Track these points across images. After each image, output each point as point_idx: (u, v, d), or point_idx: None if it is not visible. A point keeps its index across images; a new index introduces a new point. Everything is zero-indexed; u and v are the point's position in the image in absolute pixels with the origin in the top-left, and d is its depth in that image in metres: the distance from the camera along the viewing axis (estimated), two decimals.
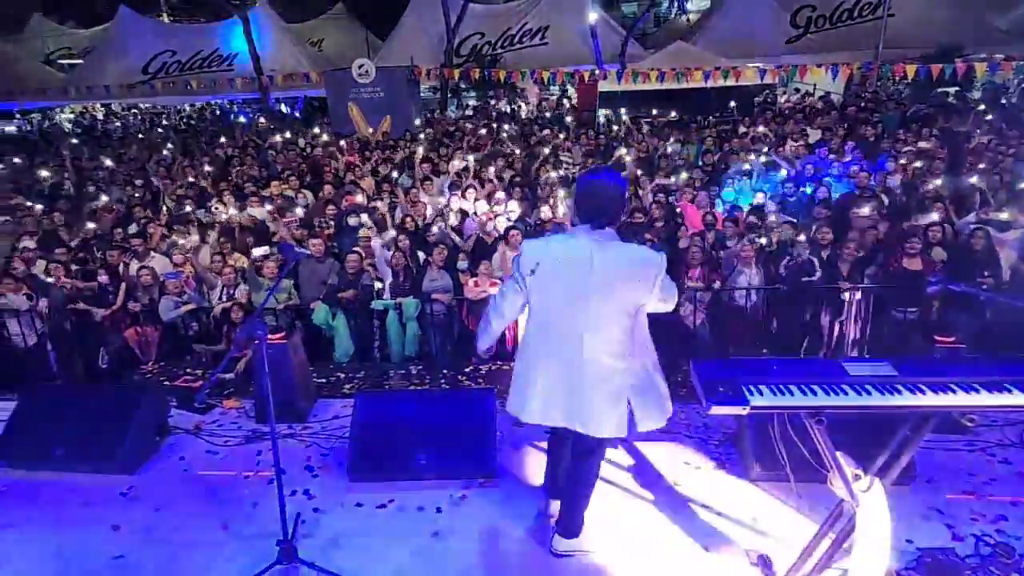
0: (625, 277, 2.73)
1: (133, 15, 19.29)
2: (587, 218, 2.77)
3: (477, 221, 8.07)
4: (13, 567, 3.40)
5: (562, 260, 2.77)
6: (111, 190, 10.47)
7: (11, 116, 22.34)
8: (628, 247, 2.81)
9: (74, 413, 4.24)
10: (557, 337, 2.82)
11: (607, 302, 2.73)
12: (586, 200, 2.79)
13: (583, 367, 2.78)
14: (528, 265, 2.80)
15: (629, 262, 2.74)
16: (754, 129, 11.60)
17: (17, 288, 6.64)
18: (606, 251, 2.72)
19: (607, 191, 2.76)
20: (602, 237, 2.74)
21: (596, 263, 2.70)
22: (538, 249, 2.84)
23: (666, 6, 22.90)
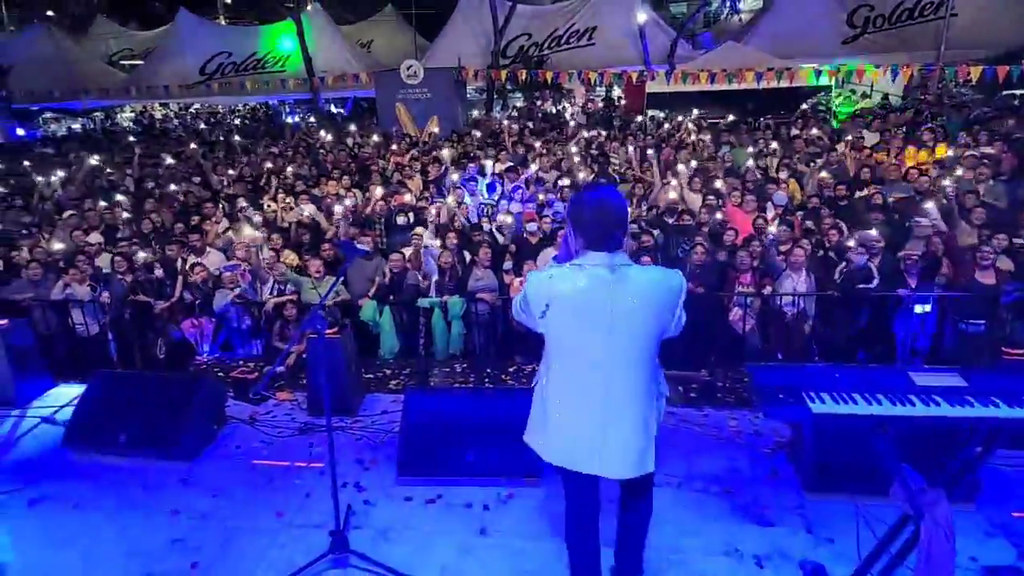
0: (647, 305, 2.43)
1: (191, 17, 19.88)
2: (597, 242, 2.42)
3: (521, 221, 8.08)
4: (80, 547, 3.55)
5: (575, 298, 2.42)
6: (169, 187, 10.82)
7: (76, 114, 23.30)
8: (646, 271, 2.50)
9: (138, 400, 4.41)
10: (579, 377, 2.50)
11: (630, 335, 2.43)
12: (594, 221, 2.41)
13: (610, 407, 2.47)
14: (538, 306, 2.47)
15: (650, 288, 2.43)
16: (807, 132, 11.33)
17: (81, 279, 6.93)
18: (624, 279, 2.40)
19: (616, 209, 2.42)
20: (617, 262, 2.42)
21: (616, 294, 2.39)
22: (544, 288, 2.46)
23: (716, 6, 22.53)
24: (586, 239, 2.44)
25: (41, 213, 9.73)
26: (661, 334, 2.50)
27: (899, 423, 2.43)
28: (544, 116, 18.66)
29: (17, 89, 19.08)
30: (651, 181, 9.04)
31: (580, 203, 2.46)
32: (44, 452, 4.43)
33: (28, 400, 5.16)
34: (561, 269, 2.47)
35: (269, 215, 8.69)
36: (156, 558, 3.44)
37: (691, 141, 11.44)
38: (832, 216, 7.13)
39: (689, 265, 6.63)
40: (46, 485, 4.07)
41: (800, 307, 6.15)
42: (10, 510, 3.84)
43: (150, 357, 7.07)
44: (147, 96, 19.46)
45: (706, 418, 4.64)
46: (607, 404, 2.47)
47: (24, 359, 5.19)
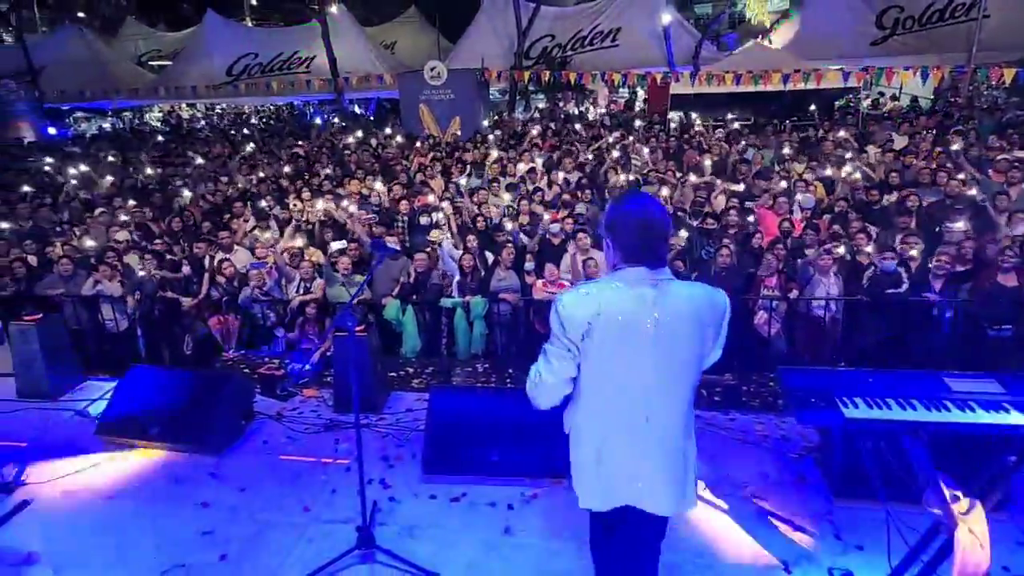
0: (691, 325, 2.20)
1: (219, 19, 20.14)
2: (638, 257, 2.18)
3: (543, 222, 8.09)
4: (113, 536, 3.62)
5: (620, 316, 2.16)
6: (197, 186, 10.98)
7: (105, 114, 23.71)
8: (690, 288, 2.24)
9: (169, 395, 4.50)
10: (619, 408, 2.26)
11: (674, 359, 2.21)
12: (634, 233, 2.17)
13: (651, 440, 2.26)
14: (578, 327, 2.16)
15: (694, 307, 2.20)
16: (834, 134, 11.20)
17: (112, 276, 7.06)
18: (668, 297, 2.17)
19: (659, 220, 2.19)
20: (660, 279, 2.19)
21: (660, 314, 2.15)
22: (586, 305, 2.16)
23: (742, 7, 22.34)
24: (625, 253, 2.20)
25: (71, 210, 9.92)
26: (703, 357, 2.28)
27: (934, 429, 2.40)
28: (566, 117, 18.64)
29: (49, 89, 19.46)
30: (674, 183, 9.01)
31: (618, 213, 2.23)
32: (77, 444, 4.51)
33: (61, 393, 5.26)
34: (598, 285, 2.22)
35: (295, 214, 8.78)
36: (186, 549, 3.50)
37: (715, 144, 11.34)
38: (861, 220, 7.04)
39: (714, 267, 6.59)
40: (79, 476, 4.15)
41: (830, 311, 6.09)
42: (46, 500, 3.92)
43: (177, 353, 7.18)
44: (175, 96, 19.75)
45: (732, 422, 4.61)
46: (648, 434, 2.25)
47: (57, 353, 5.30)
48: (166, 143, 16.13)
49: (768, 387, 5.42)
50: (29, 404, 5.13)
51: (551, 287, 6.66)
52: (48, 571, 3.35)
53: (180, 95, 19.53)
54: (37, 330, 5.11)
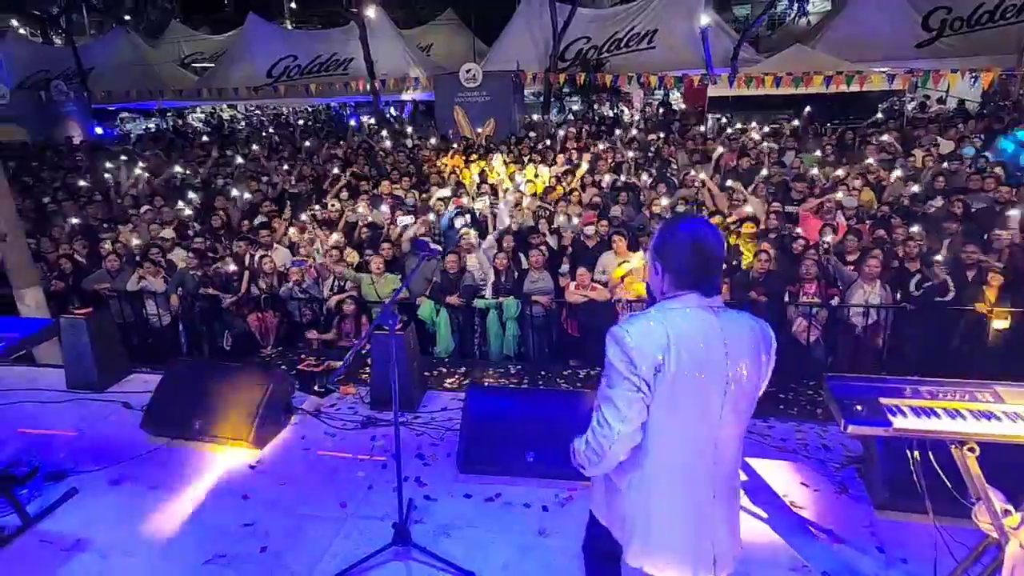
0: (751, 358, 2.00)
1: (260, 22, 20.53)
2: (691, 284, 1.98)
3: (577, 225, 8.07)
4: (157, 525, 3.71)
5: (699, 343, 1.94)
6: (238, 185, 11.20)
7: (150, 115, 24.37)
8: (742, 318, 2.05)
9: (211, 389, 4.60)
10: (687, 454, 2.02)
11: (743, 392, 2.00)
12: (688, 260, 1.98)
13: (715, 488, 2.05)
14: (650, 361, 1.90)
15: (755, 336, 2.02)
16: (877, 137, 10.96)
17: (156, 272, 7.25)
18: (732, 324, 2.00)
19: (715, 246, 2.00)
20: (719, 306, 2.02)
21: (728, 343, 1.96)
22: (657, 334, 1.92)
23: (782, 8, 21.97)
24: (677, 279, 2.00)
25: (117, 208, 10.20)
26: (759, 393, 2.08)
27: (985, 441, 2.34)
28: (601, 120, 18.57)
29: (96, 90, 20.04)
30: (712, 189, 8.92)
31: (670, 237, 2.03)
32: (123, 435, 4.63)
33: (109, 385, 5.41)
34: (659, 311, 1.99)
35: (332, 214, 8.90)
36: (228, 540, 3.57)
37: (754, 147, 11.19)
38: (905, 225, 6.88)
39: (751, 273, 6.51)
40: (125, 466, 4.26)
41: (873, 319, 5.96)
42: (93, 488, 4.04)
43: (217, 349, 7.34)
44: (217, 98, 20.19)
45: (771, 429, 4.54)
46: (712, 482, 2.04)
47: (106, 346, 5.44)
48: (208, 143, 16.48)
49: (807, 395, 5.33)
50: (78, 395, 5.29)
51: (584, 290, 6.65)
52: (96, 557, 3.45)
53: (222, 96, 19.95)
54: (87, 323, 5.26)
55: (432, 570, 3.32)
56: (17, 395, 5.19)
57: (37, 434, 4.62)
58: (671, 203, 8.45)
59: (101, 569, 3.37)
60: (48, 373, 5.69)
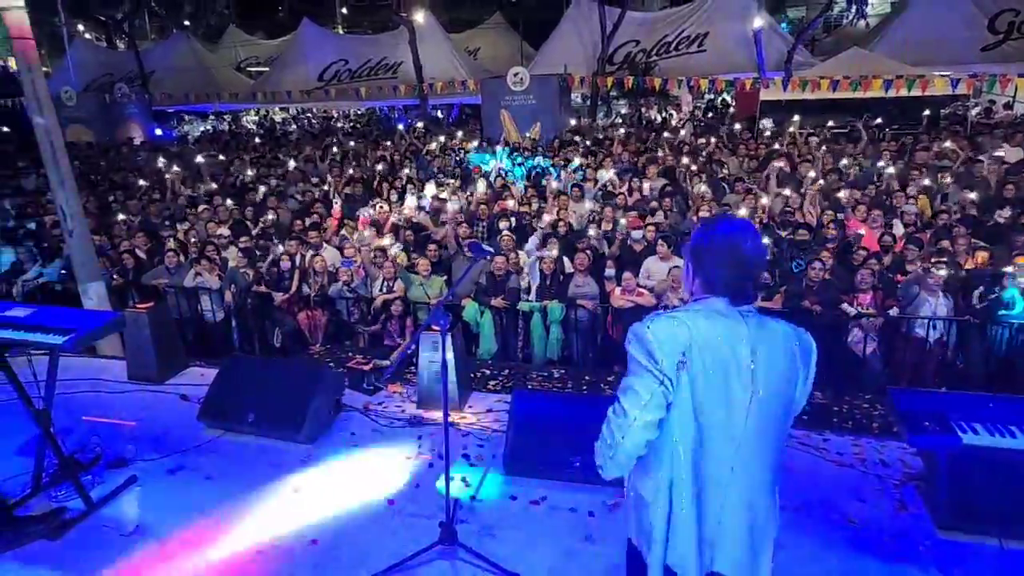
0: (788, 364, 1.94)
1: (314, 27, 20.98)
2: (720, 290, 1.93)
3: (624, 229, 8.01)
4: (213, 515, 3.81)
5: (722, 346, 1.89)
6: (289, 186, 11.46)
7: (206, 117, 25.16)
8: (778, 326, 1.97)
9: (265, 384, 4.71)
10: (708, 464, 1.95)
11: (771, 402, 1.93)
12: (722, 264, 1.92)
13: (732, 493, 1.96)
14: (673, 355, 1.87)
15: (789, 345, 1.95)
16: (939, 144, 10.58)
17: (211, 269, 7.46)
18: (763, 331, 1.93)
19: (753, 252, 1.92)
20: (751, 313, 1.95)
21: (757, 349, 1.90)
22: (680, 330, 1.88)
23: (839, 10, 21.40)
24: (707, 283, 1.95)
25: (176, 207, 10.55)
26: (796, 403, 2.01)
27: None
28: (649, 123, 18.40)
29: (157, 92, 20.78)
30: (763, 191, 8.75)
31: (707, 238, 1.96)
32: (181, 426, 4.78)
33: (167, 377, 5.59)
34: (688, 313, 1.94)
35: (380, 216, 9.03)
36: (281, 532, 3.64)
37: (808, 152, 10.94)
38: (969, 236, 6.62)
39: (805, 281, 6.35)
40: (182, 456, 4.39)
41: (935, 332, 5.75)
42: (152, 476, 4.17)
43: (267, 345, 7.51)
44: (271, 101, 20.69)
45: (826, 443, 4.41)
46: (731, 487, 1.95)
47: (165, 340, 5.63)
48: (261, 145, 16.93)
49: (863, 408, 5.17)
50: (138, 386, 5.48)
51: (629, 295, 6.59)
52: (153, 543, 3.56)
53: (275, 99, 20.44)
54: (148, 318, 5.45)
55: (477, 570, 3.33)
56: (81, 385, 5.40)
57: (100, 422, 4.79)
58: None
59: (158, 555, 3.47)
60: (110, 364, 5.91)
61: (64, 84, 19.20)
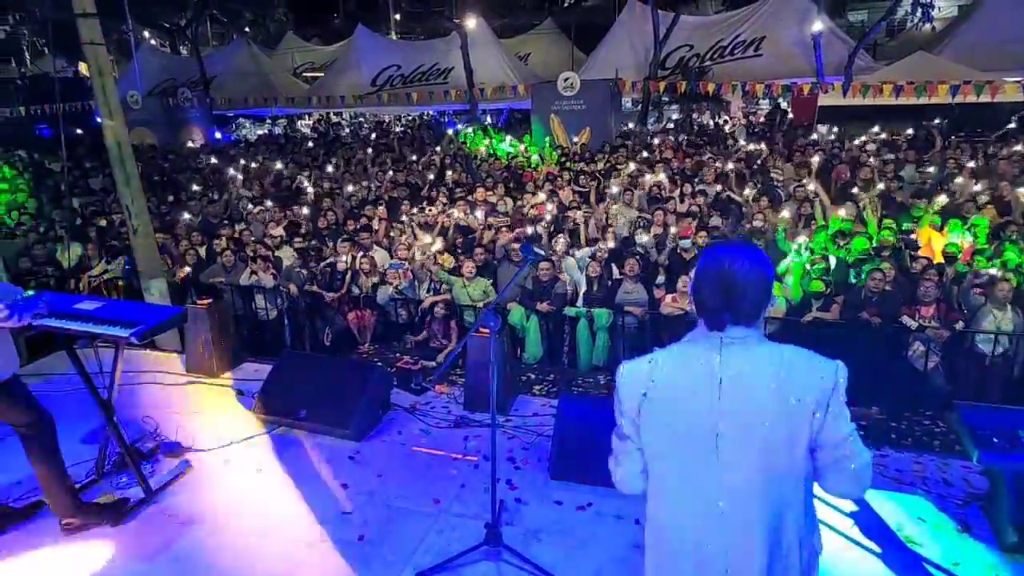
0: (774, 400, 1.70)
1: (368, 33, 21.38)
2: (705, 312, 1.80)
3: (671, 236, 7.90)
4: (263, 506, 3.91)
5: (674, 385, 1.79)
6: (342, 188, 11.69)
7: (264, 121, 25.88)
8: (779, 351, 1.77)
9: (318, 380, 4.80)
10: (686, 501, 1.82)
11: (747, 446, 1.73)
12: (706, 287, 1.78)
13: (732, 528, 1.77)
14: (631, 402, 1.85)
15: (779, 378, 1.71)
16: (1008, 149, 10.12)
17: (266, 268, 7.65)
18: (738, 362, 1.75)
19: (742, 272, 1.74)
20: (733, 340, 1.77)
21: (725, 383, 1.74)
22: (640, 374, 1.84)
23: (903, 14, 20.68)
24: (696, 309, 1.83)
25: (233, 207, 10.87)
26: (801, 439, 1.71)
27: None
28: (701, 129, 18.13)
29: (217, 97, 21.47)
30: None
31: (699, 263, 1.84)
32: (235, 419, 4.92)
33: (223, 371, 5.75)
34: (667, 352, 1.85)
35: (429, 219, 9.11)
36: (328, 526, 3.71)
37: (870, 161, 10.60)
38: None
39: (864, 291, 6.15)
40: (236, 448, 4.52)
41: (1001, 346, 5.50)
42: (207, 467, 4.30)
43: (317, 343, 7.66)
44: (325, 105, 21.12)
45: (884, 459, 4.25)
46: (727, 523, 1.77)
47: (222, 335, 5.80)
48: (315, 148, 17.32)
49: (923, 425, 4.97)
50: (195, 378, 5.67)
51: (681, 301, 6.49)
52: (207, 532, 3.67)
53: (329, 104, 20.86)
54: (208, 313, 5.63)
55: (522, 573, 3.32)
56: (143, 377, 5.61)
57: (159, 413, 4.95)
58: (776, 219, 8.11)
59: (210, 543, 3.58)
60: (169, 357, 6.12)
61: (130, 88, 19.98)
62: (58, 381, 5.10)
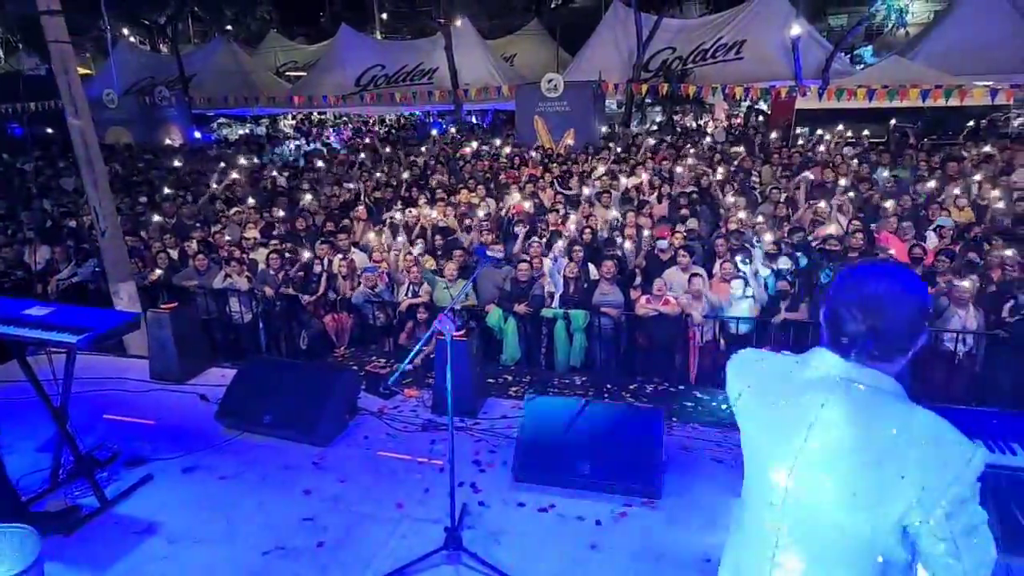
0: (869, 467, 1.42)
1: (352, 32, 21.24)
2: (839, 339, 1.52)
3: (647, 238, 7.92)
4: (225, 514, 3.87)
5: (772, 392, 1.62)
6: (322, 189, 11.61)
7: (245, 121, 25.61)
8: (905, 412, 1.45)
9: (283, 386, 4.76)
10: (749, 521, 1.69)
11: (819, 498, 1.50)
12: (836, 310, 1.52)
13: None
14: (733, 389, 1.74)
15: (889, 439, 1.41)
16: (977, 151, 10.24)
17: (241, 271, 7.58)
18: (852, 407, 1.47)
19: (898, 303, 1.46)
20: (860, 377, 1.49)
21: (821, 421, 1.49)
22: (748, 368, 1.73)
23: (880, 18, 20.91)
24: (830, 330, 1.56)
25: (208, 209, 10.75)
26: (890, 531, 1.42)
27: None
28: (684, 131, 18.21)
29: (196, 96, 21.14)
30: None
31: (838, 278, 1.59)
32: (199, 426, 4.85)
33: (189, 377, 5.66)
34: (782, 356, 1.69)
35: (410, 220, 9.07)
36: (288, 533, 3.68)
37: (843, 162, 10.70)
38: (1003, 247, 6.40)
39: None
40: (198, 456, 4.46)
41: (965, 346, 5.57)
42: (167, 475, 4.25)
43: (294, 347, 7.61)
44: (307, 105, 20.93)
45: None
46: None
47: (187, 340, 5.70)
48: (297, 148, 17.21)
49: None
50: (160, 385, 5.58)
51: (655, 303, 6.52)
52: (163, 542, 3.62)
53: (312, 104, 20.66)
54: (170, 318, 5.55)
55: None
56: (105, 383, 5.50)
57: (120, 421, 4.89)
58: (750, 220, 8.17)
59: (167, 553, 3.54)
60: (134, 363, 6.01)
61: (107, 87, 19.71)
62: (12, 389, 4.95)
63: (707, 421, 5.09)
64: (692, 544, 3.54)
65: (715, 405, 5.76)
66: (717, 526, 3.63)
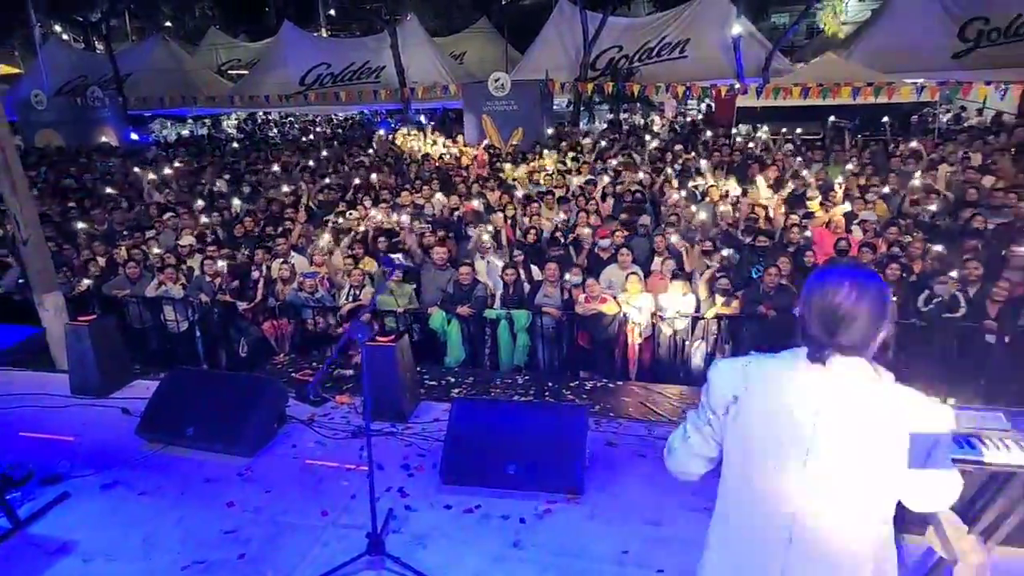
0: (866, 434, 1.65)
1: (296, 30, 20.85)
2: (808, 337, 1.71)
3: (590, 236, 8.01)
4: (142, 531, 3.80)
5: (771, 399, 1.74)
6: (264, 192, 11.38)
7: (185, 121, 24.85)
8: (885, 391, 1.67)
9: (207, 397, 4.68)
10: (754, 523, 1.79)
11: (834, 481, 1.68)
12: (809, 310, 1.70)
13: (794, 565, 1.73)
14: (721, 399, 1.81)
15: (874, 410, 1.65)
16: (905, 145, 10.64)
17: (176, 278, 7.39)
18: (843, 395, 1.67)
19: (848, 304, 1.64)
20: (841, 369, 1.68)
21: (823, 413, 1.67)
22: (736, 376, 1.80)
23: (820, 17, 21.52)
24: (807, 330, 1.72)
25: (142, 214, 10.42)
26: (887, 493, 1.70)
27: None
28: (631, 130, 18.43)
29: (131, 96, 20.37)
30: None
31: (811, 280, 1.75)
32: (119, 441, 4.73)
33: (111, 391, 5.51)
34: (760, 358, 1.80)
35: (352, 223, 8.97)
36: (208, 546, 3.64)
37: (778, 158, 10.99)
38: (923, 239, 6.69)
39: (761, 287, 6.38)
40: (118, 471, 4.36)
41: None
42: (85, 493, 4.14)
43: (233, 355, 7.45)
44: (250, 105, 20.46)
45: None
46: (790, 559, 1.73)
47: (108, 353, 5.55)
48: (238, 151, 16.81)
49: None
50: (80, 400, 5.41)
51: (593, 302, 6.60)
52: (78, 562, 3.54)
53: (254, 104, 20.20)
54: (89, 330, 5.38)
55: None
56: (23, 400, 5.33)
57: (37, 438, 4.76)
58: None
59: (81, 573, 3.46)
60: (54, 378, 5.82)
61: (36, 87, 18.92)
62: None
63: (634, 417, 5.18)
64: (611, 536, 3.63)
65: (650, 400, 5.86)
66: (636, 519, 3.74)
